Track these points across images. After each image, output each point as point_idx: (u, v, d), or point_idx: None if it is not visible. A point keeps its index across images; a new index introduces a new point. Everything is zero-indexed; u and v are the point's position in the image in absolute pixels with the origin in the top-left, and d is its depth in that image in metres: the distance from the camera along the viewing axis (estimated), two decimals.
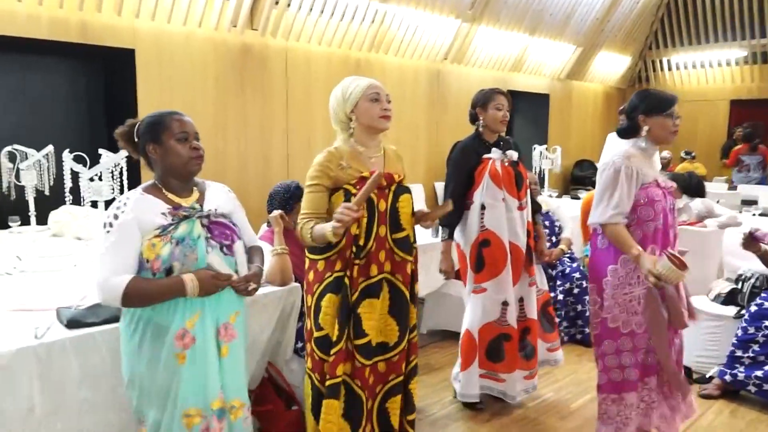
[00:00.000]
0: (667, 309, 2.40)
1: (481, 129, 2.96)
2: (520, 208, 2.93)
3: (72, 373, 1.96)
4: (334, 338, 2.14)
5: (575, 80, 9.06)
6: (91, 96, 4.75)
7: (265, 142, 5.32)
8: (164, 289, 1.73)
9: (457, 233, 3.00)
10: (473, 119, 2.99)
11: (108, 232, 1.73)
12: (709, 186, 7.65)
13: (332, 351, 2.14)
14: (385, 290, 2.21)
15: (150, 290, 1.72)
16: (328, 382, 2.15)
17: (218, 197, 1.94)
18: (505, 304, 2.92)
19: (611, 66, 9.55)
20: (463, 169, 2.92)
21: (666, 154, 8.25)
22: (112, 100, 4.78)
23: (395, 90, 6.35)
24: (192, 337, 1.77)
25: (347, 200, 2.13)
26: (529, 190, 3.04)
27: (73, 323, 2.03)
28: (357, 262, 2.14)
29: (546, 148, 6.50)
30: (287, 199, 2.89)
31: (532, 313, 3.04)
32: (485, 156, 2.91)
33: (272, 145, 5.38)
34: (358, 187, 2.13)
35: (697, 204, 4.27)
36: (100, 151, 3.45)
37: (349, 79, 2.25)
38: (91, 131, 4.73)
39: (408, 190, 2.28)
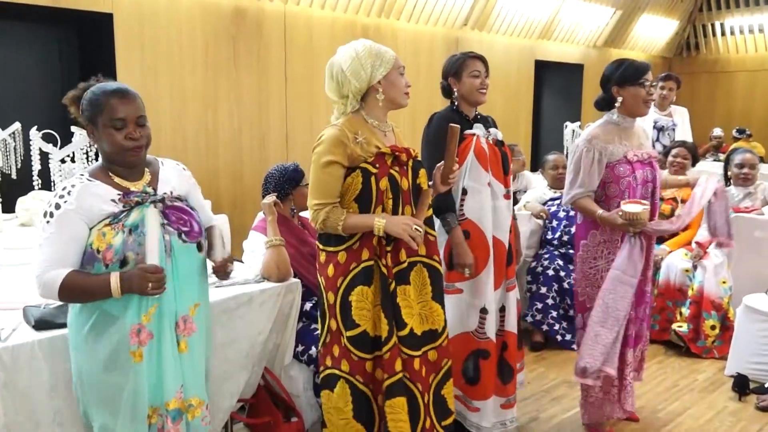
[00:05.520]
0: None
1: (456, 102, 2.80)
2: (507, 196, 2.80)
3: (41, 381, 1.95)
4: (385, 333, 2.15)
5: (614, 48, 8.93)
6: (64, 67, 4.72)
7: (261, 120, 5.29)
8: (94, 288, 1.73)
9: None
10: (447, 92, 2.83)
11: (48, 222, 1.74)
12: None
13: (386, 348, 2.16)
14: (425, 275, 2.25)
15: (84, 287, 1.74)
16: (388, 381, 2.16)
17: (173, 178, 1.95)
18: (483, 311, 2.73)
19: (655, 31, 9.41)
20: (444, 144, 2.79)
21: (718, 132, 8.12)
22: (87, 72, 4.72)
23: (408, 61, 6.26)
24: (149, 332, 1.79)
25: (366, 182, 2.14)
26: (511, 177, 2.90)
27: (41, 324, 2.01)
28: (389, 248, 2.17)
29: (579, 126, 6.41)
30: (283, 183, 2.86)
31: (512, 325, 2.85)
32: (467, 132, 2.74)
33: (269, 122, 5.34)
34: (377, 165, 2.15)
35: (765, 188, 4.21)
36: (73, 128, 3.42)
37: (370, 43, 2.21)
38: (64, 106, 4.71)
39: (423, 165, 2.32)
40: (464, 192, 2.73)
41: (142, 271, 1.70)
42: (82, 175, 1.84)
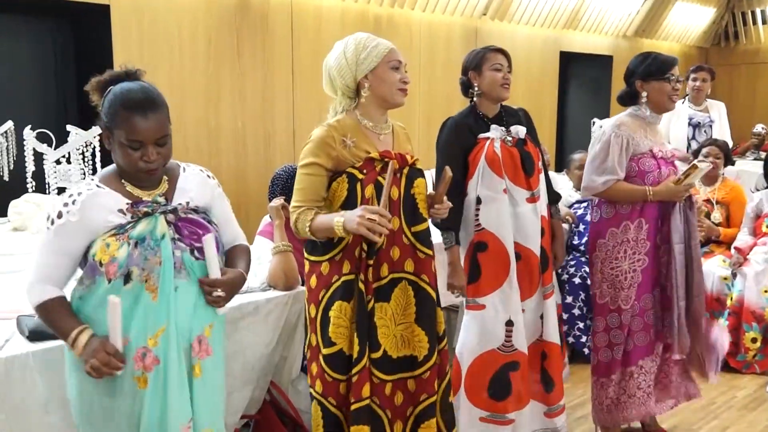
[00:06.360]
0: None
1: (476, 99, 2.83)
2: (532, 199, 2.78)
3: (36, 394, 1.97)
4: (355, 354, 2.14)
5: (645, 38, 8.89)
6: (59, 62, 4.77)
7: (266, 117, 5.31)
8: (62, 332, 1.75)
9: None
10: (466, 88, 2.87)
11: (48, 228, 1.75)
12: None
13: (355, 370, 2.14)
14: (409, 294, 2.22)
15: (55, 324, 1.77)
16: (354, 406, 2.14)
17: (192, 187, 1.90)
18: (509, 324, 2.77)
19: (691, 19, 9.35)
20: (456, 152, 2.78)
21: (760, 128, 8.07)
22: (82, 67, 4.80)
23: (424, 53, 6.29)
24: (154, 357, 1.75)
25: (352, 187, 2.14)
26: (542, 176, 2.91)
27: (36, 335, 2.04)
28: (370, 262, 2.14)
29: None
30: (291, 185, 2.86)
31: (552, 334, 2.88)
32: (481, 136, 2.76)
33: (275, 120, 5.37)
34: (365, 171, 2.13)
35: None
36: (69, 127, 3.46)
37: (362, 36, 2.22)
38: (59, 104, 4.76)
39: (422, 174, 2.28)
40: (478, 201, 2.75)
41: (102, 347, 1.68)
42: (92, 179, 1.83)
